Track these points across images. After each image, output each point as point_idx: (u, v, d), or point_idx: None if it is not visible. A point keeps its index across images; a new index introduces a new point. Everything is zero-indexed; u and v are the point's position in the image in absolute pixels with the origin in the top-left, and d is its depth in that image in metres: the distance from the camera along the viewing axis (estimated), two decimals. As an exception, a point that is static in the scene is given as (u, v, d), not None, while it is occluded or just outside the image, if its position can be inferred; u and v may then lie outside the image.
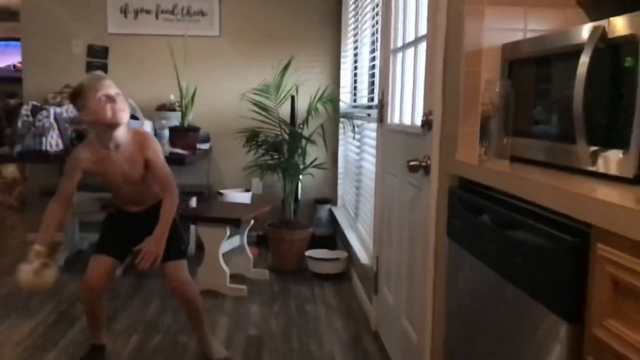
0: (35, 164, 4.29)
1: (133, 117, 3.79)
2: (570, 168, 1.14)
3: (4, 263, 3.79)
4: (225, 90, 4.40)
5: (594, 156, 1.05)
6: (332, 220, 4.22)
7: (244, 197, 4.20)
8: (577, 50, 1.07)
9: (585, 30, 1.09)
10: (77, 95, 2.18)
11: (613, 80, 1.02)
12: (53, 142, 3.41)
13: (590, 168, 1.07)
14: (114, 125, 2.15)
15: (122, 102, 2.18)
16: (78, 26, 4.29)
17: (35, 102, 3.58)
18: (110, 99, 2.13)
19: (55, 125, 3.44)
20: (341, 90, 4.36)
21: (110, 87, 2.16)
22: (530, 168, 1.25)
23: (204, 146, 4.07)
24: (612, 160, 1.01)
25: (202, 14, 4.34)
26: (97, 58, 4.32)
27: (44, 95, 4.01)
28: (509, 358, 1.14)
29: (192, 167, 4.20)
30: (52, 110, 3.46)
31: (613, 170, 1.01)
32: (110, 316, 2.85)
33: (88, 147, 2.26)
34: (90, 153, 2.24)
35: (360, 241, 3.48)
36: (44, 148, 3.36)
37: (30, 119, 3.41)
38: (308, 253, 3.68)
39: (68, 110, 3.58)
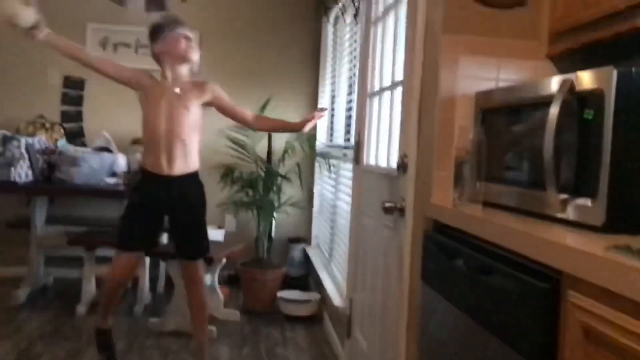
0: (1, 195, 4.18)
1: (107, 149, 3.77)
2: (541, 215, 1.17)
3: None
4: (203, 126, 4.38)
5: (564, 204, 1.08)
6: (306, 260, 4.19)
7: (216, 235, 4.14)
8: (547, 101, 1.11)
9: (555, 83, 1.13)
10: (157, 27, 2.40)
11: (580, 130, 1.05)
12: (22, 172, 3.34)
13: (560, 215, 1.09)
14: (184, 58, 2.39)
15: (195, 44, 2.45)
16: (54, 56, 4.26)
17: (6, 132, 3.52)
18: (187, 38, 2.40)
19: (26, 156, 3.38)
20: (318, 129, 4.41)
21: (188, 30, 2.44)
22: (503, 213, 1.27)
23: (178, 181, 4.04)
24: (581, 208, 1.04)
25: (182, 50, 4.37)
26: (74, 89, 4.30)
27: (15, 125, 3.94)
28: (481, 405, 1.13)
29: (165, 202, 4.15)
30: (23, 140, 3.40)
31: (582, 218, 1.04)
32: (73, 356, 2.75)
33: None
34: (149, 76, 2.46)
35: (333, 282, 3.45)
36: (12, 178, 3.29)
37: (1, 148, 3.34)
38: (280, 294, 3.63)
39: (40, 141, 3.54)
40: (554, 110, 1.08)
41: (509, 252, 1.06)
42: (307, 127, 2.56)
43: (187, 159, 2.40)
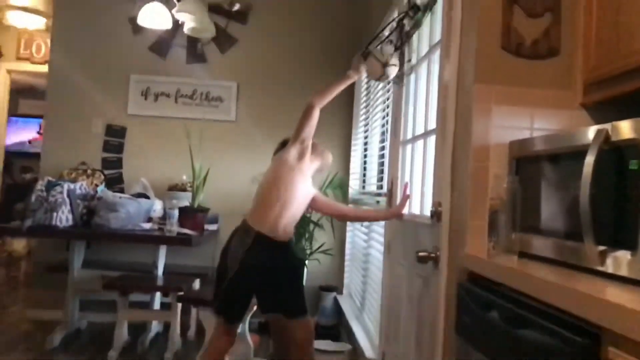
0: (43, 239, 4.31)
1: (144, 195, 3.86)
2: (578, 266, 1.13)
3: (-1, 340, 3.70)
4: (237, 173, 4.48)
5: (603, 256, 1.05)
6: (337, 309, 4.13)
7: (248, 281, 4.14)
8: (583, 151, 1.10)
9: (590, 133, 1.12)
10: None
11: (618, 181, 1.03)
12: (63, 217, 3.44)
13: (599, 268, 1.06)
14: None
15: None
16: (99, 106, 4.47)
17: (50, 178, 3.66)
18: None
19: (67, 201, 3.48)
20: (351, 176, 4.43)
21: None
22: (539, 265, 1.24)
23: (212, 227, 4.09)
24: (620, 261, 1.01)
25: (220, 100, 4.52)
26: (115, 137, 4.46)
27: (59, 171, 4.10)
28: None
29: (198, 248, 4.19)
30: (66, 186, 3.52)
31: (622, 271, 1.00)
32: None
33: None
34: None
35: (365, 333, 3.37)
36: (53, 223, 3.39)
37: (44, 194, 3.47)
38: (311, 342, 3.56)
39: (81, 186, 3.65)
40: (589, 160, 1.06)
41: (547, 305, 1.03)
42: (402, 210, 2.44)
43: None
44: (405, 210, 2.42)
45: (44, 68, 4.90)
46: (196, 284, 3.91)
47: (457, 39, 1.72)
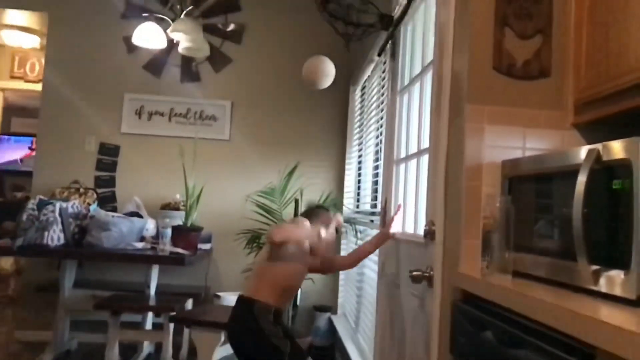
0: (34, 258, 4.26)
1: (137, 214, 3.84)
2: (572, 286, 1.13)
3: (-13, 361, 3.64)
4: (231, 192, 4.47)
5: (596, 275, 1.05)
6: (332, 329, 4.09)
7: (241, 300, 4.10)
8: (574, 170, 1.11)
9: (581, 153, 1.13)
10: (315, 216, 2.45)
11: (609, 200, 1.04)
12: (55, 236, 3.42)
13: (593, 287, 1.06)
14: None
15: None
16: (93, 125, 4.47)
17: (42, 196, 3.64)
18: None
19: (59, 220, 3.46)
20: (345, 195, 4.43)
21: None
22: (533, 284, 1.24)
23: (205, 246, 4.06)
24: (614, 280, 1.01)
25: (214, 118, 4.53)
26: (108, 156, 4.45)
27: (52, 190, 4.08)
28: None
29: (191, 268, 4.16)
30: (58, 204, 3.50)
31: (616, 291, 1.00)
32: None
33: None
34: None
35: (360, 354, 3.34)
36: (45, 242, 3.36)
37: (36, 212, 3.44)
38: (304, 363, 3.52)
39: (73, 205, 3.63)
40: (581, 180, 1.07)
41: (541, 325, 1.03)
42: (392, 230, 2.41)
43: None
44: (398, 229, 2.42)
45: (38, 86, 4.91)
46: (189, 304, 3.87)
47: (449, 59, 1.74)
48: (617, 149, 1.04)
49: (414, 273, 1.87)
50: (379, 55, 3.04)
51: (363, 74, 3.94)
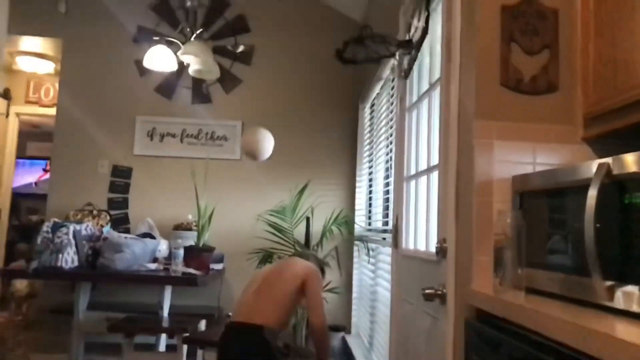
0: (48, 281, 4.29)
1: (150, 235, 3.86)
2: (586, 302, 1.12)
3: (2, 385, 3.64)
4: (242, 211, 4.48)
5: (610, 291, 1.03)
6: (346, 349, 4.05)
7: (254, 320, 4.08)
8: (585, 185, 1.10)
9: (592, 167, 1.12)
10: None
11: (622, 214, 1.03)
12: (69, 258, 3.44)
13: (608, 303, 1.04)
14: None
15: None
16: (106, 148, 4.53)
17: (56, 219, 3.67)
18: None
19: (73, 242, 3.49)
20: (356, 213, 4.42)
21: None
22: (547, 300, 1.22)
23: (218, 266, 4.06)
24: (629, 296, 0.99)
25: (225, 139, 4.57)
26: (121, 178, 4.49)
27: (66, 212, 4.12)
28: None
29: (204, 288, 4.16)
30: (71, 227, 3.53)
31: (632, 307, 0.99)
32: None
33: None
34: None
35: (374, 372, 3.31)
36: (59, 264, 3.38)
37: (50, 235, 3.47)
38: (319, 383, 3.48)
39: (87, 227, 3.66)
40: (592, 194, 1.06)
41: (556, 343, 1.01)
42: None
43: None
44: (410, 246, 2.41)
45: (52, 111, 4.99)
46: (202, 325, 3.86)
47: (457, 76, 1.74)
48: (628, 162, 1.03)
49: (427, 291, 1.86)
50: (406, 78, 3.05)
51: (372, 92, 3.96)
